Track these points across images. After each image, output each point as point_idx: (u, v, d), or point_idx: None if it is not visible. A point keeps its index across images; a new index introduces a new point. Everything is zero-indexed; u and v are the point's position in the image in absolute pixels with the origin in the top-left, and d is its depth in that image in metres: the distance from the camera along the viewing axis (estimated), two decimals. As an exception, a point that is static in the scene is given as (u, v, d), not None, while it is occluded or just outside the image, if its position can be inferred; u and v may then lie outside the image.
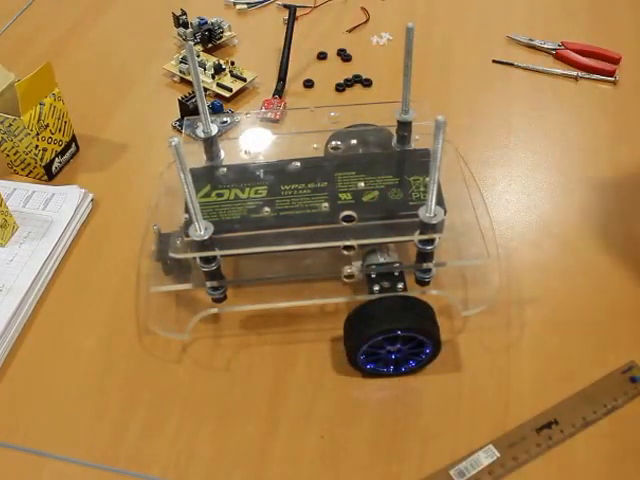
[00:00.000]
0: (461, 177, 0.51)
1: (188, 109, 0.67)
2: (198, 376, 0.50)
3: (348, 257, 0.47)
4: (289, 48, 0.75)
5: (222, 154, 0.53)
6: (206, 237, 0.44)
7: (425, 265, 0.47)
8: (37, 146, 0.61)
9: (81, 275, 0.57)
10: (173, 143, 0.39)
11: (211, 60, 0.75)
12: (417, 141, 0.53)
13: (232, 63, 0.75)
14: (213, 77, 0.73)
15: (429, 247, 0.46)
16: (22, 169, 0.64)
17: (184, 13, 0.78)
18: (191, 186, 0.41)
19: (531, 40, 0.77)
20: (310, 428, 0.47)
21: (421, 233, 0.45)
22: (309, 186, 0.49)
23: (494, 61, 0.76)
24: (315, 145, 0.55)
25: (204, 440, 0.46)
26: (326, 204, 0.48)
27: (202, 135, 0.52)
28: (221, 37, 0.78)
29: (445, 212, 0.45)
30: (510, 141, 0.67)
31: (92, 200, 0.62)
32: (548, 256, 0.56)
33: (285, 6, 0.84)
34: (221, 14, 0.82)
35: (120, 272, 0.56)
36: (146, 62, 0.78)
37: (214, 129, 0.52)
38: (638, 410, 0.47)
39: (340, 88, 0.73)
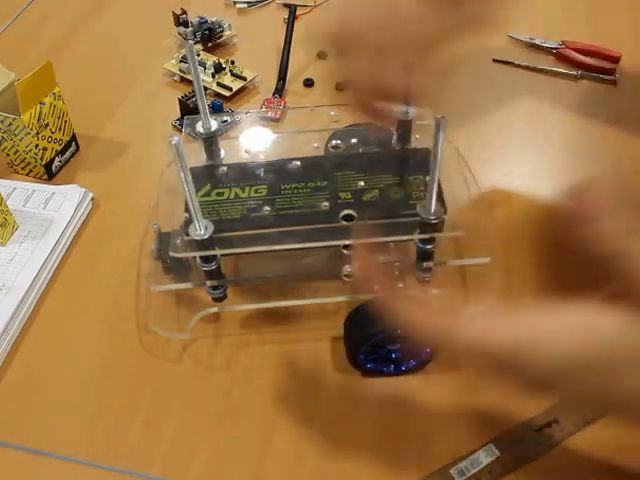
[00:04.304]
0: (461, 176, 0.51)
1: (188, 108, 0.67)
2: (198, 375, 0.50)
3: (348, 256, 0.47)
4: (289, 47, 0.75)
5: (222, 153, 0.53)
6: (206, 236, 0.44)
7: (425, 264, 0.47)
8: (37, 145, 0.61)
9: (81, 274, 0.57)
10: (173, 142, 0.39)
11: (211, 59, 0.75)
12: (417, 140, 0.53)
13: (232, 62, 0.75)
14: (213, 76, 0.73)
15: (429, 246, 0.46)
16: (22, 168, 0.64)
17: (184, 12, 0.78)
18: (191, 185, 0.41)
19: (532, 39, 0.77)
20: (310, 428, 0.47)
21: (421, 232, 0.45)
22: (309, 185, 0.49)
23: (494, 60, 0.76)
24: (315, 144, 0.54)
25: (204, 440, 0.46)
26: (326, 203, 0.48)
27: (202, 134, 0.52)
28: (221, 36, 0.78)
29: (445, 211, 0.45)
30: (510, 140, 0.67)
31: (92, 199, 0.62)
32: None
33: (285, 5, 0.84)
34: (221, 13, 0.82)
35: (120, 271, 0.56)
36: (146, 61, 0.78)
37: (214, 128, 0.51)
38: (639, 409, 0.47)
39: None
